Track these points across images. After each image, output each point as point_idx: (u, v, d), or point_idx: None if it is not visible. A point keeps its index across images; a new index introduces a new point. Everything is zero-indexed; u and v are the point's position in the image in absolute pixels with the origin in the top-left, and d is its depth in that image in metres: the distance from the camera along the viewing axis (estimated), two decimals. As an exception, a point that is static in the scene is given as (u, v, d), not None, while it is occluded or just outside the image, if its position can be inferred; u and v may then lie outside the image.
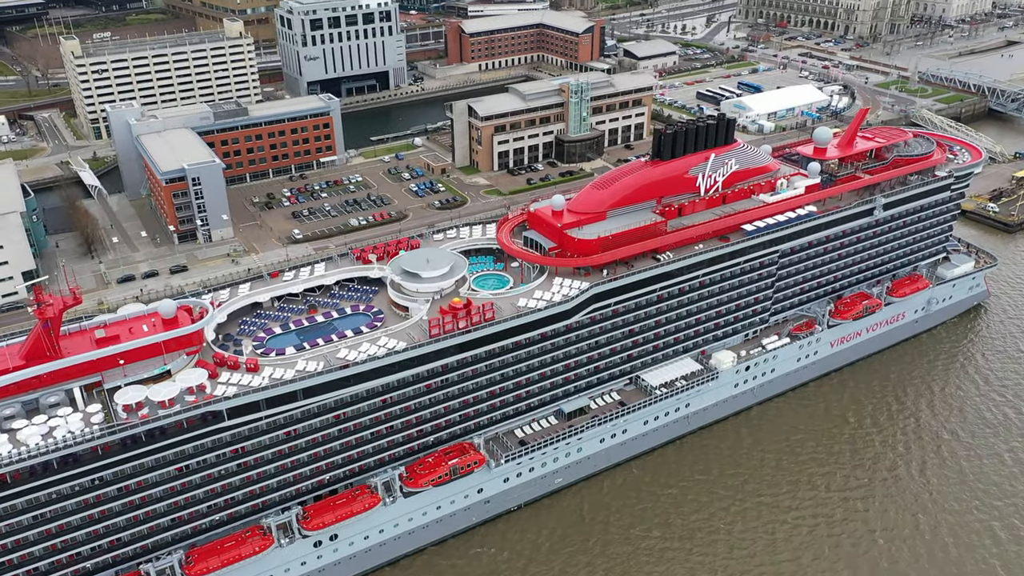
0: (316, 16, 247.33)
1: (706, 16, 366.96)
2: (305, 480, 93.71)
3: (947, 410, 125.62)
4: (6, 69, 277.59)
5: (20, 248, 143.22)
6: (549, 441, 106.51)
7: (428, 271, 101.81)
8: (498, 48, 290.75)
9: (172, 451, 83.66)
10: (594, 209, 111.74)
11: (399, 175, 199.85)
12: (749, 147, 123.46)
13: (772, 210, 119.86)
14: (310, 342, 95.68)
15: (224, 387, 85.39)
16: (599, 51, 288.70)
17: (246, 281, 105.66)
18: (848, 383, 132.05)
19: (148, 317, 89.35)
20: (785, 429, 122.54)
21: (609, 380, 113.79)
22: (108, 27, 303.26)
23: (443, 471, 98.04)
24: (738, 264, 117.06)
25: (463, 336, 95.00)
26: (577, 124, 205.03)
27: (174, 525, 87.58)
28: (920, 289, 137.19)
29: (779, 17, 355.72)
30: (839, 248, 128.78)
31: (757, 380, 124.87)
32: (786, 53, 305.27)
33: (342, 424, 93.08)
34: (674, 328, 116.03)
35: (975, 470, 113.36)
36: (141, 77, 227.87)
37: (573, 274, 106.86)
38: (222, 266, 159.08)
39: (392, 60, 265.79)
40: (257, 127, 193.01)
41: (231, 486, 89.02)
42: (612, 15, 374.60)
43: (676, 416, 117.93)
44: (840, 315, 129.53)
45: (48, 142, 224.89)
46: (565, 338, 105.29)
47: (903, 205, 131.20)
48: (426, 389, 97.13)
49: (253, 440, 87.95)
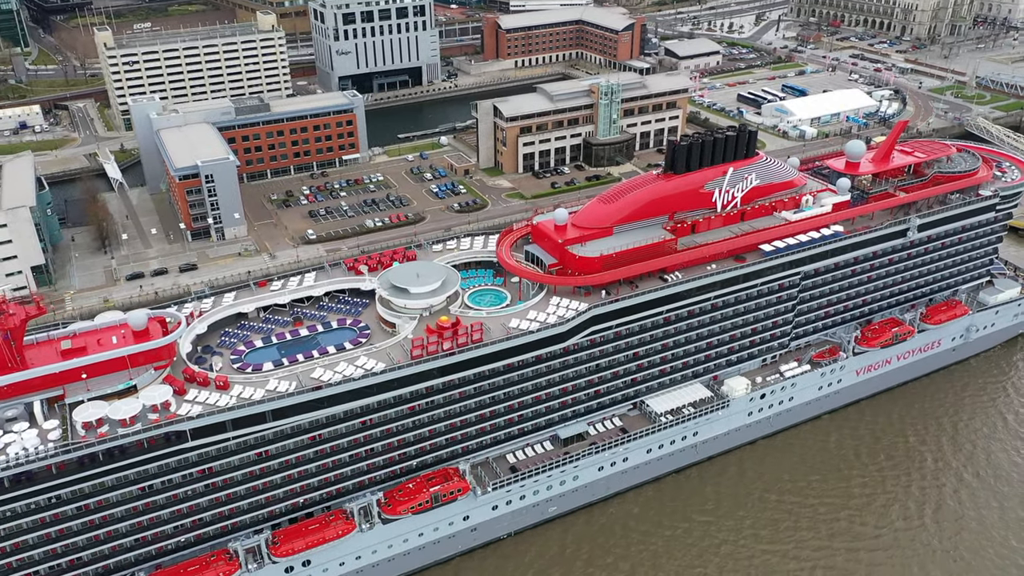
0: (349, 10, 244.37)
1: (755, 14, 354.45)
2: (278, 503, 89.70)
3: (967, 449, 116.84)
4: (48, 58, 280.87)
5: (29, 243, 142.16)
6: (542, 468, 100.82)
7: (417, 286, 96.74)
8: (536, 44, 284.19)
9: (134, 471, 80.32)
10: (599, 224, 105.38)
11: (421, 175, 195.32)
12: (773, 161, 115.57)
13: (794, 229, 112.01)
14: (290, 357, 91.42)
15: (190, 405, 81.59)
16: (639, 49, 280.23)
17: (232, 290, 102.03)
18: (866, 414, 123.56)
19: (118, 328, 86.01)
20: (795, 463, 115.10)
21: (611, 405, 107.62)
22: (149, 17, 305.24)
23: (423, 498, 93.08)
24: (755, 286, 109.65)
25: (446, 359, 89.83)
26: (607, 126, 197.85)
27: (138, 545, 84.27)
28: (958, 316, 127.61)
29: (832, 16, 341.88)
30: (869, 271, 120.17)
31: (773, 409, 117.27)
32: (836, 54, 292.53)
33: (318, 446, 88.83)
34: (683, 352, 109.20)
35: (987, 518, 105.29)
36: (172, 69, 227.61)
37: (572, 294, 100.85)
38: (232, 265, 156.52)
39: (425, 55, 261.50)
40: (279, 123, 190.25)
41: (198, 507, 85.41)
42: (658, 11, 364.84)
43: (683, 445, 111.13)
44: (867, 342, 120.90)
45: (80, 133, 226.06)
46: (562, 361, 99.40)
47: (941, 226, 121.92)
48: (409, 412, 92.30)
49: (221, 461, 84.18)
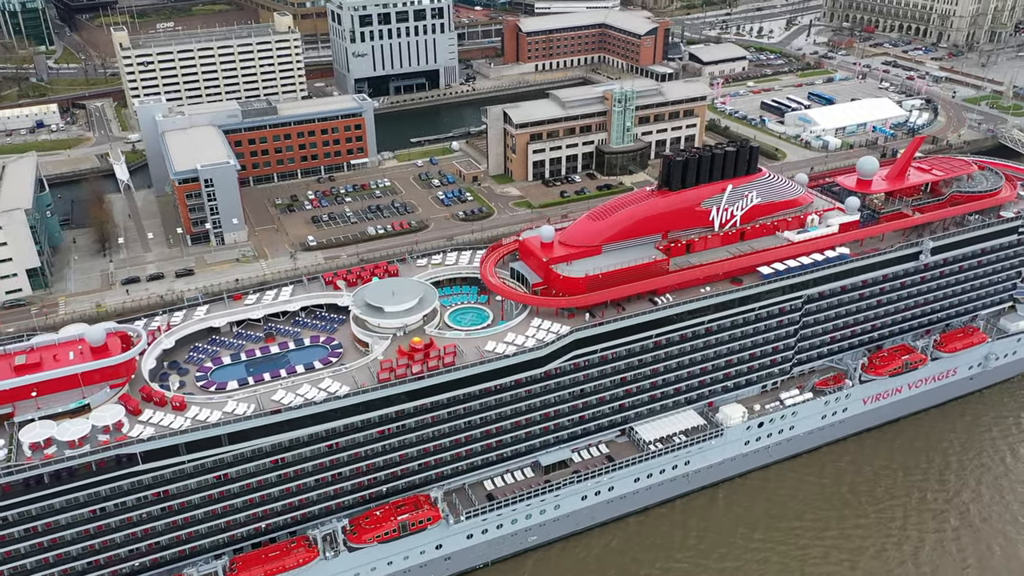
0: (366, 12, 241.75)
1: (786, 19, 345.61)
2: (239, 527, 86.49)
3: (972, 486, 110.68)
4: (72, 57, 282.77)
5: (24, 245, 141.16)
6: (521, 497, 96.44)
7: (392, 304, 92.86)
8: (557, 48, 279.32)
9: (83, 493, 77.63)
10: (587, 242, 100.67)
11: (429, 181, 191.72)
12: (776, 177, 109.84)
13: (796, 250, 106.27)
14: (256, 376, 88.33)
15: (143, 427, 78.67)
16: (662, 54, 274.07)
17: (205, 303, 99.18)
18: (871, 446, 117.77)
19: (76, 343, 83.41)
20: (786, 498, 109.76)
21: (597, 431, 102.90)
22: (172, 17, 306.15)
23: (391, 527, 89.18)
24: (752, 310, 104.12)
25: (415, 383, 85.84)
26: (620, 134, 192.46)
27: (90, 569, 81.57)
28: (975, 344, 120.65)
29: (867, 21, 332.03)
30: (879, 295, 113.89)
31: (772, 438, 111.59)
32: (868, 61, 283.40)
33: (281, 470, 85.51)
34: (674, 378, 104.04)
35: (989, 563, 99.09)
36: (186, 70, 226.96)
37: (555, 315, 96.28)
38: (229, 271, 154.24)
39: (443, 58, 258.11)
40: (286, 127, 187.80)
41: (154, 531, 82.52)
42: (686, 14, 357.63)
43: (674, 474, 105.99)
44: (875, 370, 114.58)
45: (95, 132, 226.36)
46: (543, 385, 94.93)
47: (957, 249, 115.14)
48: (379, 435, 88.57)
49: (177, 484, 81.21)
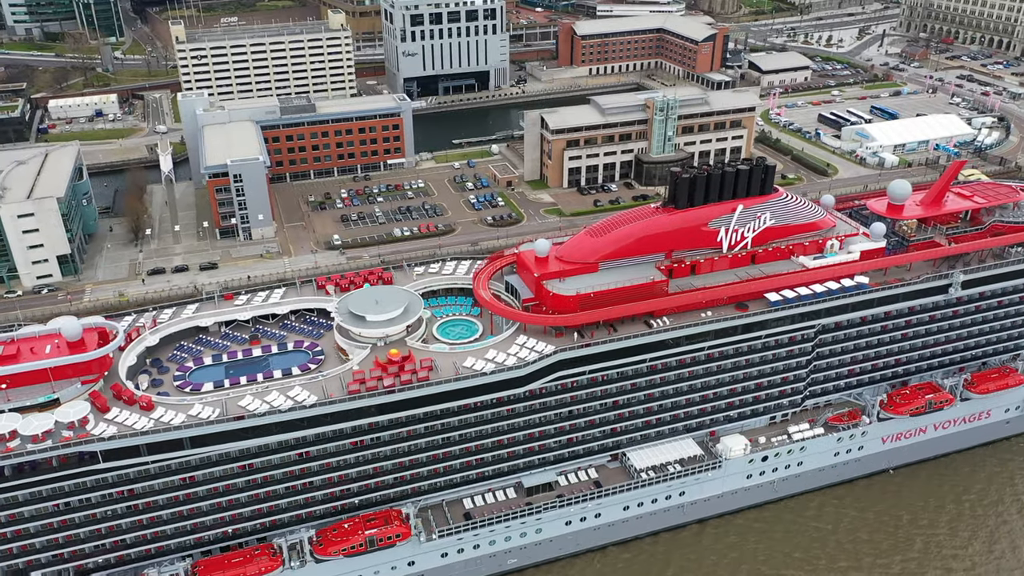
0: (418, 11, 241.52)
1: (859, 27, 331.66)
2: (206, 530, 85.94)
3: (984, 538, 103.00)
4: (140, 48, 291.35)
5: (55, 233, 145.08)
6: (499, 518, 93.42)
7: (374, 314, 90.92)
8: (612, 52, 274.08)
9: (47, 488, 78.14)
10: (584, 259, 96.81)
11: (463, 184, 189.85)
12: (795, 199, 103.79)
13: (810, 277, 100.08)
14: (233, 379, 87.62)
15: (107, 425, 78.62)
16: (720, 61, 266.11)
17: (195, 302, 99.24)
18: (885, 488, 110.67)
19: (55, 337, 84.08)
20: (779, 539, 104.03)
21: (585, 455, 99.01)
22: (237, 12, 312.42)
23: (358, 540, 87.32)
24: (758, 338, 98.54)
25: (385, 397, 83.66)
26: (661, 144, 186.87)
27: (55, 562, 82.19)
28: (1011, 386, 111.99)
29: (945, 32, 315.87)
30: (904, 328, 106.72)
31: (778, 473, 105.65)
32: (941, 74, 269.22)
33: (249, 475, 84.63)
34: (671, 404, 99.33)
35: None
36: (238, 65, 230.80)
37: (544, 333, 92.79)
38: (252, 267, 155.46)
39: (494, 60, 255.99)
40: (324, 124, 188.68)
41: (118, 528, 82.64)
42: (754, 20, 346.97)
43: (667, 504, 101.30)
44: (894, 408, 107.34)
45: (149, 123, 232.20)
46: (527, 405, 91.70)
47: (992, 284, 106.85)
48: (352, 447, 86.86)
49: (143, 483, 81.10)
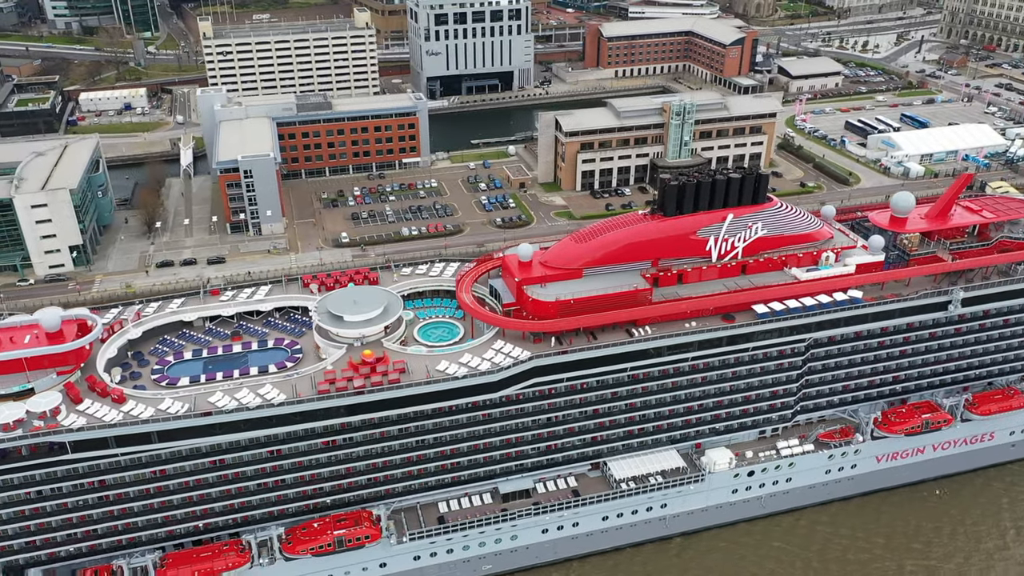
0: (442, 11, 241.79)
1: (897, 33, 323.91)
2: (177, 523, 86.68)
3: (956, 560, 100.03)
4: (172, 43, 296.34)
5: (68, 223, 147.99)
6: (473, 523, 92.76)
7: (351, 314, 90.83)
8: (639, 55, 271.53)
9: (18, 476, 79.46)
10: (567, 265, 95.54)
11: (476, 184, 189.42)
12: (790, 209, 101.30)
13: (802, 289, 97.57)
14: (209, 375, 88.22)
15: (77, 417, 79.62)
16: (749, 65, 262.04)
17: (179, 296, 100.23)
18: (851, 507, 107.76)
19: (34, 327, 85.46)
20: (745, 554, 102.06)
21: (564, 463, 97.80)
22: (269, 9, 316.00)
23: (326, 540, 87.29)
24: (745, 350, 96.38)
25: (354, 398, 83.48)
26: (677, 148, 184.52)
27: (27, 549, 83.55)
28: (1015, 408, 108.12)
29: (987, 39, 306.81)
30: (902, 344, 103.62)
31: (765, 489, 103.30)
32: (979, 82, 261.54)
33: (220, 471, 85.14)
34: (654, 415, 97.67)
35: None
36: (263, 62, 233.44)
37: (522, 339, 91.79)
38: (259, 262, 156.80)
39: (518, 60, 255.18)
40: (339, 122, 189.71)
41: (90, 519, 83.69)
42: (789, 24, 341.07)
43: (647, 516, 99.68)
44: (888, 427, 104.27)
45: (175, 117, 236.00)
46: (502, 410, 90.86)
47: (995, 302, 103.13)
48: (323, 446, 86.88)
49: (114, 475, 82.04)
